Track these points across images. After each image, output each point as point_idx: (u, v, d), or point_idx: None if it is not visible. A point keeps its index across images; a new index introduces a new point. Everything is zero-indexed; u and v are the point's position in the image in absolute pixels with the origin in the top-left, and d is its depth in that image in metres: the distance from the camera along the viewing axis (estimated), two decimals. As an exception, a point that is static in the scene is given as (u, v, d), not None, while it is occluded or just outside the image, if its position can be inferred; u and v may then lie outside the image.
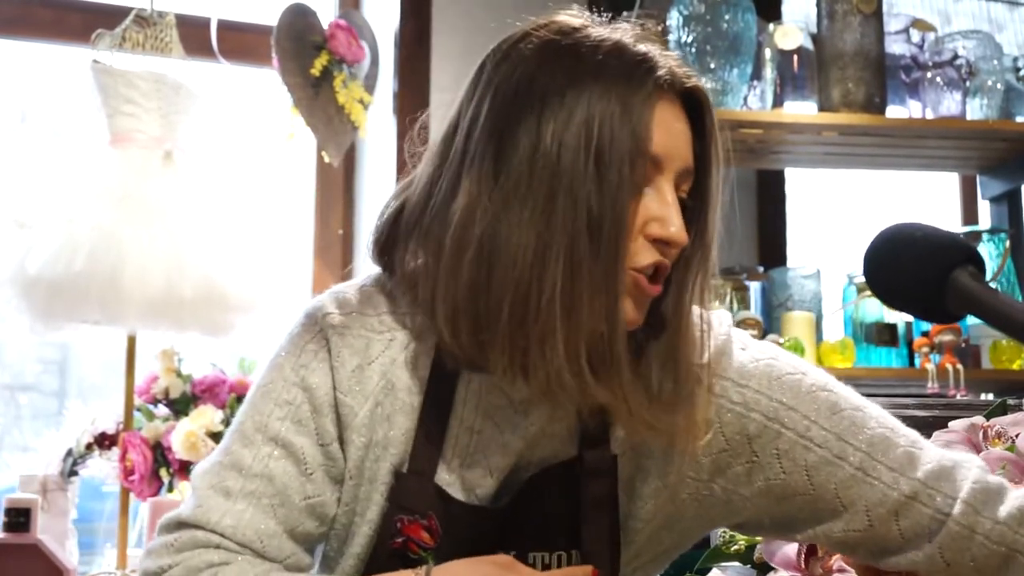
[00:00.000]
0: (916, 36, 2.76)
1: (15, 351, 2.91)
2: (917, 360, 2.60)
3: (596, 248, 1.01)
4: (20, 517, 2.08)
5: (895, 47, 2.70)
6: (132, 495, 2.34)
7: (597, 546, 1.11)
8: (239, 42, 2.80)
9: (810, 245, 3.21)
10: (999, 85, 2.71)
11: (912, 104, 2.70)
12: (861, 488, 1.10)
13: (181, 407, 2.41)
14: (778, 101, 2.60)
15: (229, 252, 2.26)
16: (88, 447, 2.39)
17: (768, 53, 2.60)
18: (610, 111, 1.01)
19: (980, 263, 0.96)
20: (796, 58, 2.60)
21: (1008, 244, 2.72)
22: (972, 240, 2.65)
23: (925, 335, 2.59)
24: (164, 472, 2.33)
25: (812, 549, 1.23)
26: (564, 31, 1.07)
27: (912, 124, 2.64)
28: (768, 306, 2.70)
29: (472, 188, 1.04)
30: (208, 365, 2.49)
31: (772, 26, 2.62)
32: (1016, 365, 2.63)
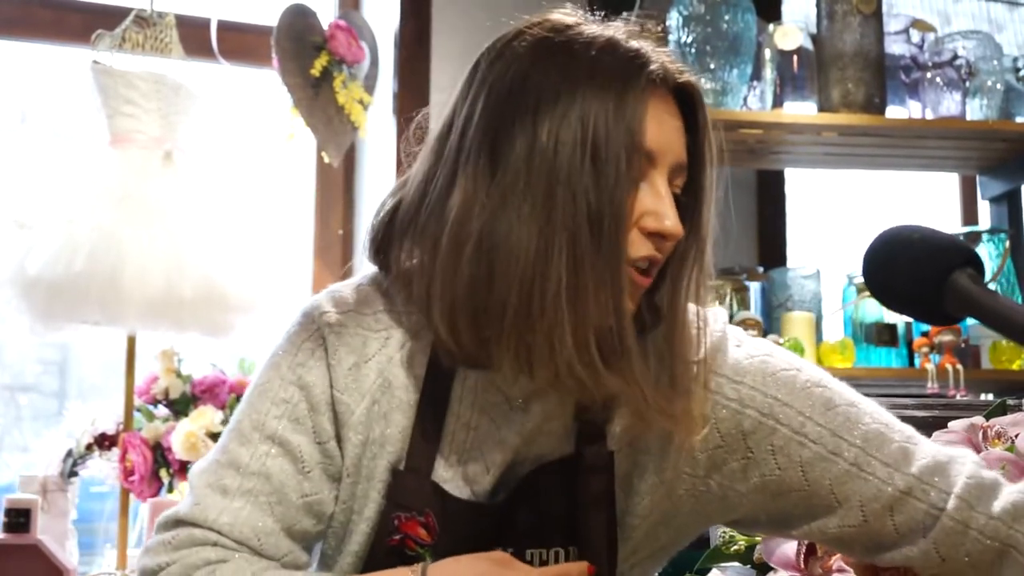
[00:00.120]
0: (916, 36, 2.76)
1: (15, 351, 2.91)
2: (917, 360, 2.60)
3: (597, 242, 1.01)
4: (20, 517, 2.08)
5: (895, 47, 2.70)
6: (132, 495, 2.34)
7: (594, 542, 1.11)
8: (239, 42, 2.80)
9: (810, 245, 3.21)
10: (999, 85, 2.71)
11: (912, 104, 2.70)
12: (856, 484, 1.11)
13: (181, 407, 2.41)
14: (778, 101, 2.60)
15: (229, 252, 2.26)
16: (88, 448, 2.39)
17: (768, 53, 2.60)
18: (604, 107, 1.02)
19: (979, 265, 0.96)
20: (796, 58, 2.60)
21: (1008, 244, 2.72)
22: (972, 240, 2.65)
23: (925, 335, 2.59)
24: (164, 473, 2.33)
25: (812, 548, 1.23)
26: (557, 29, 1.08)
27: (912, 124, 2.64)
28: (768, 306, 2.70)
29: (468, 185, 1.05)
30: (208, 365, 2.49)
31: (772, 26, 2.62)
32: (1016, 365, 2.63)
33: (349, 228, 2.91)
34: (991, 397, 2.62)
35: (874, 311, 2.64)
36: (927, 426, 1.25)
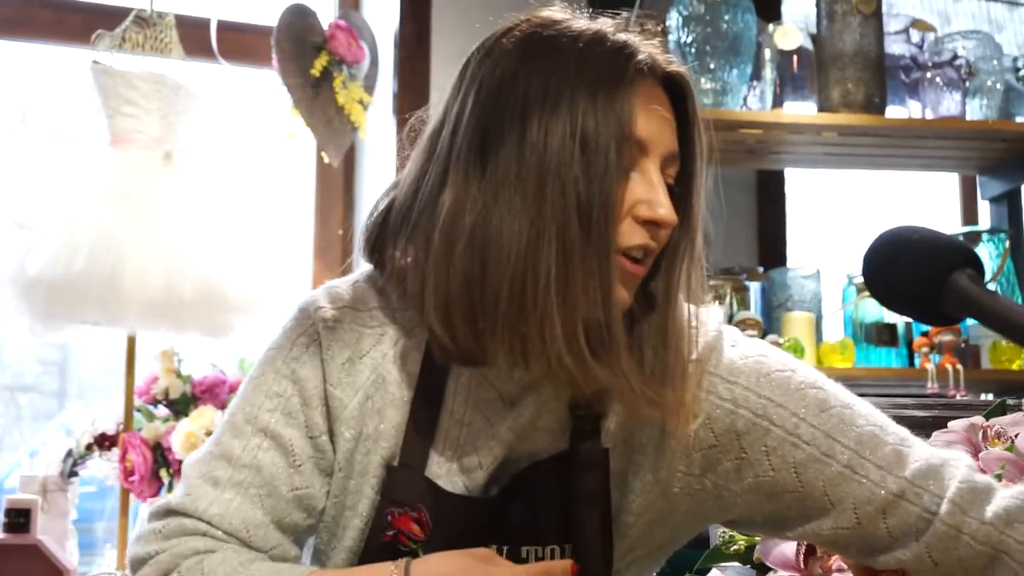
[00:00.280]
0: (916, 36, 2.76)
1: (15, 352, 2.91)
2: (917, 360, 2.60)
3: (587, 233, 1.02)
4: (20, 518, 2.08)
5: (895, 47, 2.70)
6: (132, 495, 2.34)
7: (589, 539, 1.11)
8: (239, 43, 2.80)
9: (810, 245, 3.21)
10: (999, 85, 2.71)
11: (912, 104, 2.70)
12: (849, 486, 1.10)
13: (181, 408, 2.41)
14: (778, 101, 2.60)
15: (229, 252, 2.26)
16: (88, 448, 2.39)
17: (768, 53, 2.60)
18: (593, 98, 1.03)
19: (979, 266, 0.96)
20: (796, 58, 2.60)
21: (1008, 244, 2.72)
22: (972, 240, 2.65)
23: (925, 335, 2.59)
24: (164, 473, 2.33)
25: (811, 549, 1.23)
26: (545, 24, 1.09)
27: (912, 124, 2.64)
28: (768, 306, 2.70)
29: (460, 181, 1.05)
30: (208, 366, 2.49)
31: (772, 26, 2.62)
32: (1016, 365, 2.63)
33: (349, 228, 2.91)
34: (991, 397, 2.62)
35: (874, 311, 2.64)
36: (927, 426, 1.25)
